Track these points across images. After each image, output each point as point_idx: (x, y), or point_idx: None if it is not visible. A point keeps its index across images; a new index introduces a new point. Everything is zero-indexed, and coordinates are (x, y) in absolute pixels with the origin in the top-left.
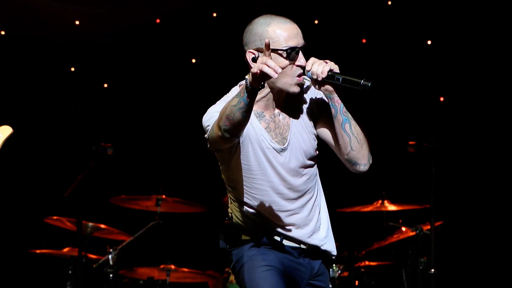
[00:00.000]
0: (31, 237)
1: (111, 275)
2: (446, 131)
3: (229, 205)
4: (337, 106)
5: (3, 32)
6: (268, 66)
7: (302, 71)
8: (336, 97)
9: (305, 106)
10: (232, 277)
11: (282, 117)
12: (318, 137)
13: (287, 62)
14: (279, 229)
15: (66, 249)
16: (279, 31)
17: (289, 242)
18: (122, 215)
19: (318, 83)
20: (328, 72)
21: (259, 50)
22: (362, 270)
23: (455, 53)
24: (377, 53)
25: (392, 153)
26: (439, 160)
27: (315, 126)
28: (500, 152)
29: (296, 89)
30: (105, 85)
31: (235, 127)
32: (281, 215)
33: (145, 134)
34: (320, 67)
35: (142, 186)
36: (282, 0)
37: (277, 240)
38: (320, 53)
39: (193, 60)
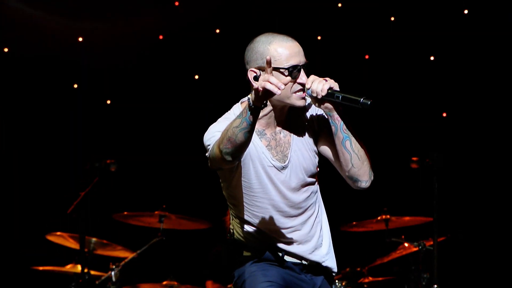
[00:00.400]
0: (34, 254)
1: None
2: (449, 147)
3: (231, 221)
4: (337, 123)
5: (6, 50)
6: (271, 83)
7: (301, 88)
8: (336, 115)
9: (306, 124)
10: None
11: (283, 134)
12: (319, 154)
13: (288, 78)
14: (280, 245)
15: (68, 266)
16: (281, 49)
17: (291, 258)
18: (125, 232)
19: (318, 101)
20: (328, 90)
21: (260, 68)
22: (365, 286)
23: (457, 69)
24: (380, 69)
25: (395, 169)
26: (442, 176)
27: (316, 143)
28: (503, 167)
29: (302, 103)
30: (108, 102)
31: (237, 149)
32: (283, 232)
33: (148, 151)
34: (320, 85)
35: (145, 203)
36: (284, 15)
37: (278, 256)
38: (323, 69)
39: (196, 77)
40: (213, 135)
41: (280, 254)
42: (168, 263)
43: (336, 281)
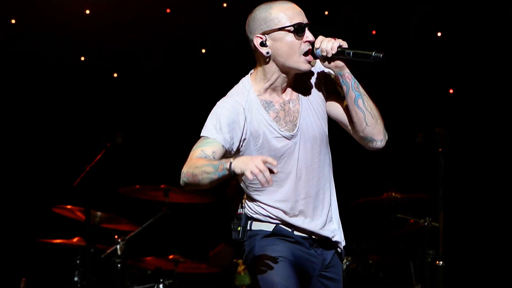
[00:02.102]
0: (40, 226)
1: (119, 265)
2: (455, 123)
3: (243, 196)
4: (349, 82)
5: (13, 21)
6: (262, 174)
7: (310, 48)
8: (347, 73)
9: (313, 89)
10: (240, 268)
11: (292, 104)
12: (330, 119)
13: (295, 40)
14: (291, 220)
15: (74, 239)
16: (283, 11)
17: (301, 233)
18: (130, 205)
19: (328, 59)
20: (337, 48)
21: (266, 33)
22: (370, 262)
23: (464, 46)
24: (387, 45)
25: (401, 145)
26: (448, 152)
27: (326, 108)
28: (509, 144)
29: (307, 67)
30: (115, 75)
31: (195, 186)
32: (294, 204)
33: (155, 124)
34: (330, 43)
35: (150, 176)
36: None
37: (288, 231)
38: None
39: (203, 50)
40: (197, 150)
41: (290, 230)
42: (173, 237)
43: None
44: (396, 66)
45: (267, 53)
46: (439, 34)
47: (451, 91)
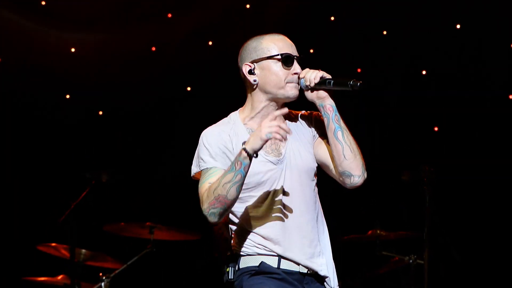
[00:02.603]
0: (24, 264)
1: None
2: (440, 161)
3: (231, 235)
4: (329, 114)
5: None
6: (281, 127)
7: (297, 80)
8: (328, 105)
9: (303, 127)
10: None
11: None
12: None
13: (283, 69)
14: (278, 248)
15: (59, 277)
16: (274, 42)
17: (287, 265)
18: (115, 243)
19: (311, 89)
20: (320, 78)
21: (255, 61)
22: None
23: (450, 82)
24: (372, 82)
25: (386, 182)
26: (434, 189)
27: (313, 149)
28: (495, 180)
29: (294, 93)
30: (100, 113)
31: (227, 207)
32: (281, 231)
33: (140, 162)
34: (314, 74)
35: (135, 214)
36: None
37: (273, 267)
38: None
39: (189, 88)
40: (205, 184)
41: (277, 260)
42: (159, 274)
43: None
44: (382, 102)
45: (254, 80)
46: (424, 72)
47: (436, 128)
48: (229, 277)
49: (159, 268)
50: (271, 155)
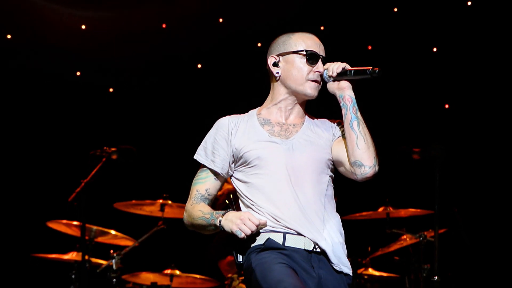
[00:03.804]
0: (34, 241)
1: (114, 280)
2: (451, 139)
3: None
4: (348, 104)
5: (9, 36)
6: (249, 222)
7: (318, 79)
8: (347, 96)
9: (325, 130)
10: (235, 283)
11: (293, 126)
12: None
13: (306, 66)
14: (282, 226)
15: (69, 254)
16: (302, 39)
17: (293, 242)
18: (126, 220)
19: (334, 80)
20: (342, 68)
21: (281, 54)
22: (365, 277)
23: (460, 60)
24: (383, 60)
25: (397, 160)
26: (444, 167)
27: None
28: (506, 159)
29: (313, 92)
30: (111, 90)
31: (195, 230)
32: (288, 209)
33: (151, 139)
34: (336, 65)
35: (146, 191)
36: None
37: (279, 243)
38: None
39: (199, 66)
40: (194, 188)
41: (282, 236)
42: (169, 251)
43: None
44: (392, 81)
45: (277, 73)
46: (434, 49)
47: (446, 106)
48: (238, 260)
49: (170, 245)
50: (277, 137)
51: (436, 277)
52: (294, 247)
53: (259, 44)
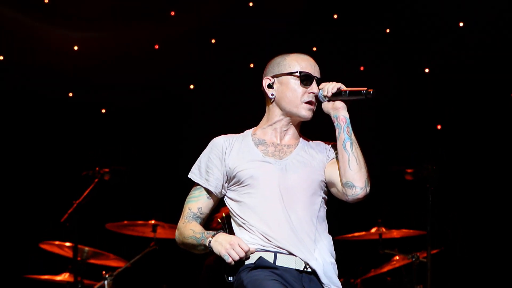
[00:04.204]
0: (27, 262)
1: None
2: (443, 159)
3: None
4: (342, 124)
5: (1, 57)
6: (238, 248)
7: (313, 100)
8: (342, 116)
9: (319, 151)
10: None
11: (287, 146)
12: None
13: (300, 87)
14: (273, 246)
15: (62, 275)
16: (297, 60)
17: (284, 262)
18: (118, 241)
19: (328, 100)
20: (337, 88)
21: (275, 76)
22: None
23: (452, 81)
24: (374, 81)
25: (390, 181)
26: (436, 188)
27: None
28: (497, 180)
29: (307, 114)
30: (103, 111)
31: (186, 249)
32: (279, 229)
33: (143, 160)
34: (332, 85)
35: (138, 212)
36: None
37: (270, 262)
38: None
39: (192, 86)
40: (186, 206)
41: (273, 256)
42: (161, 272)
43: None
44: (385, 102)
45: (272, 94)
46: (426, 70)
47: (439, 127)
48: (228, 280)
49: (162, 266)
50: (271, 157)
51: None
52: (285, 266)
53: (252, 65)
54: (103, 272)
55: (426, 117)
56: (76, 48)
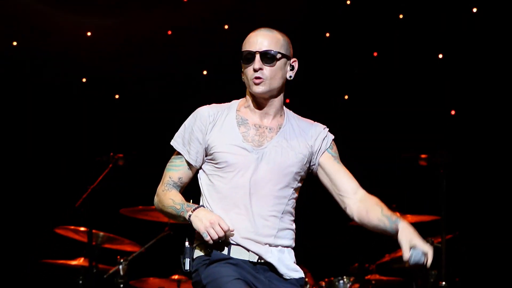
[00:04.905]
0: (43, 247)
1: (121, 286)
2: (457, 145)
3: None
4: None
5: (15, 43)
6: (218, 228)
7: (258, 75)
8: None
9: (303, 136)
10: None
11: (269, 131)
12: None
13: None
14: (237, 239)
15: (77, 260)
16: (246, 39)
17: (238, 253)
18: (133, 226)
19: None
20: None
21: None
22: (373, 282)
23: (466, 66)
24: (389, 67)
25: (404, 167)
26: (450, 173)
27: (317, 166)
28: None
29: (255, 89)
30: (117, 96)
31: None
32: (237, 221)
33: (157, 145)
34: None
35: (153, 197)
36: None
37: (224, 255)
38: (331, 65)
39: (205, 72)
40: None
41: (227, 248)
42: (176, 257)
43: (344, 276)
44: (398, 88)
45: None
46: (440, 55)
47: (453, 112)
48: (186, 268)
49: (177, 251)
50: (250, 143)
51: (443, 283)
52: (239, 258)
53: None
54: (118, 257)
55: (440, 103)
56: (89, 34)
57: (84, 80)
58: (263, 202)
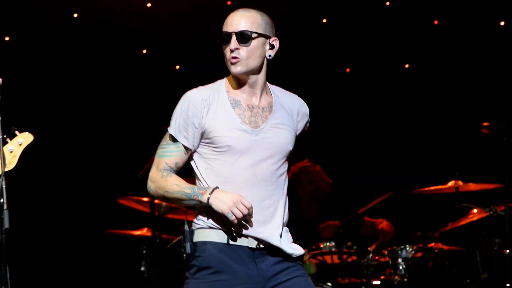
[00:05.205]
0: (107, 217)
1: (184, 256)
2: None
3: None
4: None
5: (76, 15)
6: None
7: (234, 55)
8: None
9: (290, 115)
10: (305, 257)
11: (262, 111)
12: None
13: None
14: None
15: (140, 230)
16: (225, 21)
17: (239, 241)
18: None
19: None
20: None
21: None
22: (436, 251)
23: None
24: (450, 35)
25: (466, 134)
26: None
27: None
28: None
29: (232, 69)
30: (177, 67)
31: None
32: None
33: None
34: None
35: None
36: None
37: (223, 243)
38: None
39: None
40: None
41: (226, 235)
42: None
43: (407, 245)
44: (461, 58)
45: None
46: (502, 23)
47: None
48: (187, 251)
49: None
50: (248, 125)
51: (507, 251)
52: (237, 244)
53: None
54: (181, 227)
55: (503, 70)
56: (149, 5)
57: (144, 51)
58: (265, 183)
